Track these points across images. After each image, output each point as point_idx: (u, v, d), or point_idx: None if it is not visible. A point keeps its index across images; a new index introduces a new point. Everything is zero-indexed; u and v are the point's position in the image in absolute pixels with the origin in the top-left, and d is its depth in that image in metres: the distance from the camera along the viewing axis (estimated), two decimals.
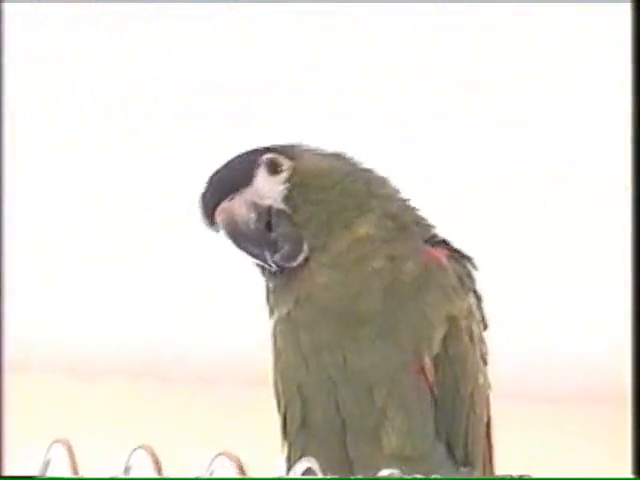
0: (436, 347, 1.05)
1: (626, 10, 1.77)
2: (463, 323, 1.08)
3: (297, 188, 1.07)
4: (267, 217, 1.06)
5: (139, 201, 2.55)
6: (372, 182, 1.13)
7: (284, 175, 1.08)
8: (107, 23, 2.07)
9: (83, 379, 3.19)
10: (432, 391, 1.04)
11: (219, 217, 1.06)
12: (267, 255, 1.04)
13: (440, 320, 1.06)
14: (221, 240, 1.09)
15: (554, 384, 3.25)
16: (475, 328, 1.10)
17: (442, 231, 1.19)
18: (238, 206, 1.06)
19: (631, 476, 1.37)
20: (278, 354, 1.10)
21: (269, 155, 1.10)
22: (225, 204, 1.06)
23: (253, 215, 1.05)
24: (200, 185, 1.13)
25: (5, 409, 2.24)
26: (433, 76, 2.18)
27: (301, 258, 1.05)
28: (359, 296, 1.03)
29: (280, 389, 1.10)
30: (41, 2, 2.02)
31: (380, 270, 1.04)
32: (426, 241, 1.14)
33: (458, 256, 1.12)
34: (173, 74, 2.19)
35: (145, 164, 2.43)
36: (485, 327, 1.13)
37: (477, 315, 1.11)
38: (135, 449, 0.92)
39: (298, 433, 1.07)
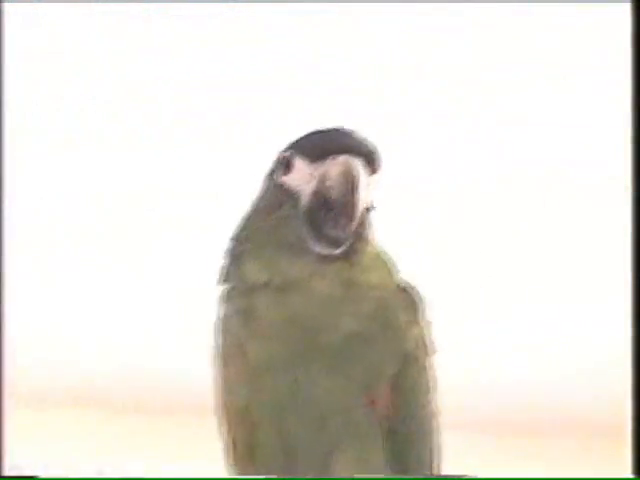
0: (390, 381, 1.05)
1: (626, 10, 1.77)
2: (416, 355, 1.08)
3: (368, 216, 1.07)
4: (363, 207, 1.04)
5: (139, 202, 2.55)
6: None
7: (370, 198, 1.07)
8: (107, 23, 2.07)
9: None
10: (384, 422, 1.04)
11: (347, 161, 1.02)
12: (339, 223, 1.02)
13: (395, 355, 1.05)
14: None
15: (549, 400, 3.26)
16: (425, 357, 1.09)
17: (442, 231, 1.18)
18: (364, 173, 1.03)
19: (631, 476, 1.37)
20: (224, 366, 1.08)
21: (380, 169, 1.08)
22: (357, 161, 1.03)
23: (364, 193, 1.03)
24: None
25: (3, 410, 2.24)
26: (433, 76, 2.19)
27: (334, 252, 1.02)
28: (321, 325, 1.02)
29: (225, 411, 1.08)
30: (41, 2, 2.02)
31: (343, 302, 1.03)
32: None
33: (407, 286, 1.11)
34: (173, 74, 2.19)
35: (145, 164, 2.43)
36: (433, 352, 1.12)
37: (427, 343, 1.10)
38: None
39: (245, 457, 1.06)
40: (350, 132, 1.08)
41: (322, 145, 1.05)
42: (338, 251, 1.02)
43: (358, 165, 1.02)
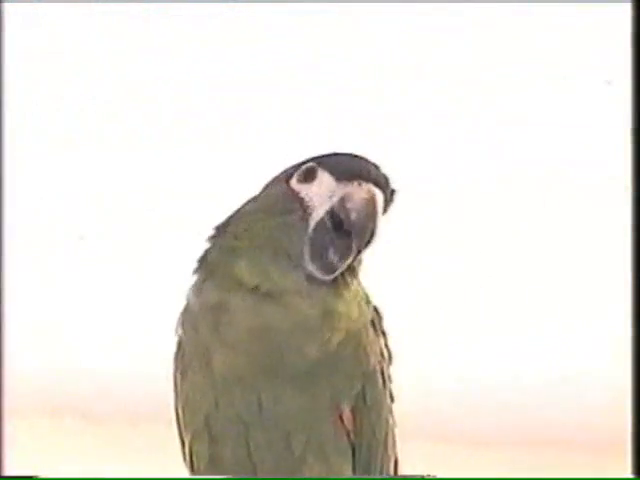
0: (354, 399, 1.05)
1: (626, 10, 1.77)
2: (378, 371, 1.08)
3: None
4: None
5: (139, 202, 2.55)
6: None
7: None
8: (107, 23, 2.07)
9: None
10: (349, 437, 1.04)
11: (374, 194, 1.04)
12: (342, 249, 1.02)
13: (359, 375, 1.05)
14: None
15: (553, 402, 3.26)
16: (386, 369, 1.10)
17: (442, 231, 1.19)
18: (381, 203, 1.05)
19: (631, 476, 1.37)
20: (186, 372, 1.07)
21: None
22: (381, 196, 1.05)
23: (378, 221, 1.04)
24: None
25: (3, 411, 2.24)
26: (433, 76, 2.18)
27: (324, 277, 1.02)
28: (291, 344, 1.01)
29: (185, 418, 1.07)
30: (41, 2, 2.02)
31: (318, 327, 1.02)
32: None
33: (376, 310, 1.11)
34: (173, 74, 2.19)
35: (145, 164, 2.43)
36: (391, 362, 1.13)
37: (385, 355, 1.11)
38: None
39: (206, 470, 1.04)
40: (377, 165, 1.08)
41: (352, 168, 1.05)
42: (328, 277, 1.02)
43: (380, 199, 1.04)
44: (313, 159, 1.07)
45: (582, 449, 3.27)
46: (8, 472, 2.12)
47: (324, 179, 1.04)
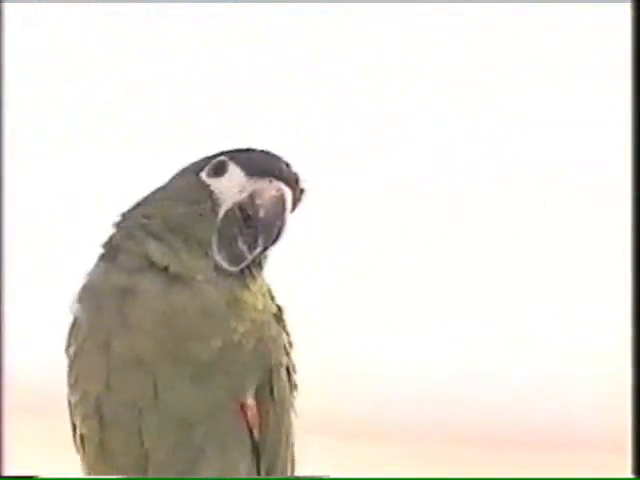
0: (258, 392, 1.05)
1: (626, 10, 1.77)
2: (284, 365, 1.08)
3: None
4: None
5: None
6: None
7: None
8: (107, 23, 2.07)
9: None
10: (252, 433, 1.04)
11: (282, 189, 1.02)
12: (248, 243, 1.02)
13: (261, 367, 1.05)
14: None
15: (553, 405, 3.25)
16: (290, 365, 1.10)
17: (441, 231, 1.18)
18: (290, 201, 1.03)
19: (631, 476, 1.37)
20: (78, 352, 1.06)
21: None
22: (290, 195, 1.03)
23: (286, 219, 1.03)
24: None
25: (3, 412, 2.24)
26: (433, 76, 2.18)
27: (231, 269, 1.02)
28: (195, 332, 1.01)
29: (74, 399, 1.06)
30: (41, 2, 2.02)
31: (223, 317, 1.01)
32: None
33: (280, 307, 1.10)
34: (173, 74, 2.19)
35: (145, 164, 2.43)
36: (291, 347, 1.11)
37: (289, 350, 1.10)
38: None
39: (96, 455, 1.03)
40: (288, 163, 1.06)
41: (263, 165, 1.04)
42: (235, 269, 1.02)
43: (289, 197, 1.02)
44: (225, 153, 1.07)
45: (582, 449, 3.27)
46: (8, 472, 2.12)
47: (234, 174, 1.04)
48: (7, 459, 2.30)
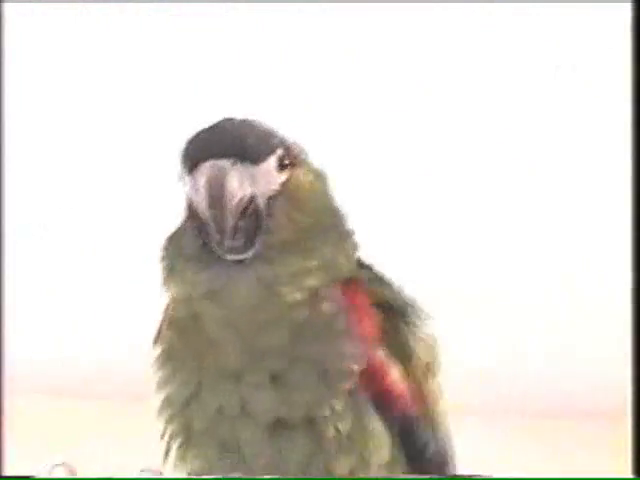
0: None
1: (626, 10, 1.77)
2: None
3: (285, 196, 0.99)
4: (245, 203, 0.97)
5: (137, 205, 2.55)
6: (337, 217, 1.06)
7: (283, 177, 1.00)
8: (107, 23, 2.07)
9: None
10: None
11: (209, 169, 0.95)
12: (223, 235, 0.96)
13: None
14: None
15: (553, 395, 3.26)
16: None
17: (441, 231, 1.17)
18: (235, 174, 0.95)
19: (631, 476, 1.37)
20: (168, 359, 1.02)
21: (284, 149, 1.02)
22: (222, 162, 0.95)
23: (240, 193, 0.95)
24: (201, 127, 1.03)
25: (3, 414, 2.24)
26: (433, 76, 2.18)
27: (242, 257, 0.96)
28: (257, 327, 0.96)
29: (161, 395, 1.03)
30: (41, 2, 2.02)
31: (298, 310, 0.97)
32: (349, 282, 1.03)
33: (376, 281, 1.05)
34: (173, 74, 2.19)
35: (145, 164, 2.43)
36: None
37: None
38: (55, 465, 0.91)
39: (183, 450, 1.02)
40: (222, 128, 1.00)
41: (188, 154, 0.99)
42: (245, 255, 0.97)
43: (224, 168, 0.95)
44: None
45: (582, 448, 3.28)
46: (8, 472, 2.12)
47: (185, 177, 1.00)
48: (7, 459, 2.29)
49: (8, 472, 2.13)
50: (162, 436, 1.03)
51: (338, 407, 0.96)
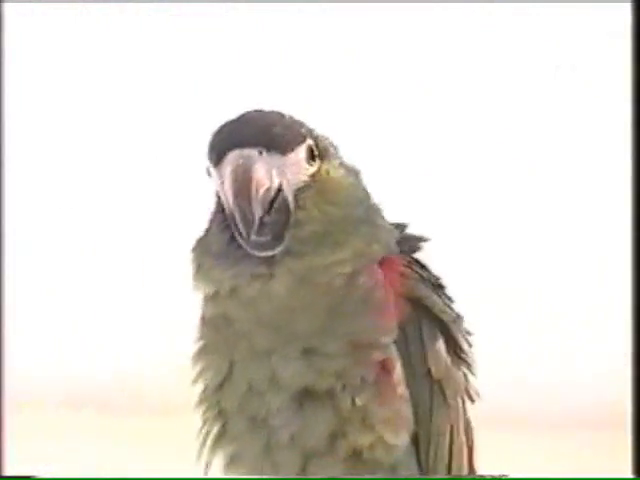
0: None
1: (626, 10, 1.77)
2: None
3: (314, 189, 0.97)
4: (272, 196, 0.94)
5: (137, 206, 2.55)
6: (370, 210, 1.04)
7: (312, 169, 0.98)
8: (107, 23, 2.07)
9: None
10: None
11: (235, 158, 0.93)
12: (250, 228, 0.93)
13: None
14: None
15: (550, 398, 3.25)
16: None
17: (441, 231, 1.16)
18: (262, 163, 0.93)
19: (631, 476, 1.37)
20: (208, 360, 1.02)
21: (313, 140, 0.99)
22: (248, 151, 0.93)
23: (267, 182, 0.93)
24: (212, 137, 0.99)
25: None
26: (433, 76, 2.19)
27: (271, 254, 0.95)
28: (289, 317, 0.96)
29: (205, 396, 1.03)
30: (41, 2, 2.02)
31: (306, 293, 0.96)
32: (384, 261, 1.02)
33: (414, 265, 1.05)
34: (173, 74, 2.19)
35: (145, 164, 2.43)
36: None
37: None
38: None
39: (217, 444, 1.02)
40: (248, 118, 0.97)
41: (214, 145, 0.96)
42: (274, 252, 0.95)
43: (250, 157, 0.93)
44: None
45: (581, 448, 3.27)
46: (8, 472, 2.12)
47: (212, 171, 0.98)
48: (7, 459, 2.29)
49: (8, 472, 2.13)
50: (200, 429, 1.04)
51: (369, 378, 0.96)
